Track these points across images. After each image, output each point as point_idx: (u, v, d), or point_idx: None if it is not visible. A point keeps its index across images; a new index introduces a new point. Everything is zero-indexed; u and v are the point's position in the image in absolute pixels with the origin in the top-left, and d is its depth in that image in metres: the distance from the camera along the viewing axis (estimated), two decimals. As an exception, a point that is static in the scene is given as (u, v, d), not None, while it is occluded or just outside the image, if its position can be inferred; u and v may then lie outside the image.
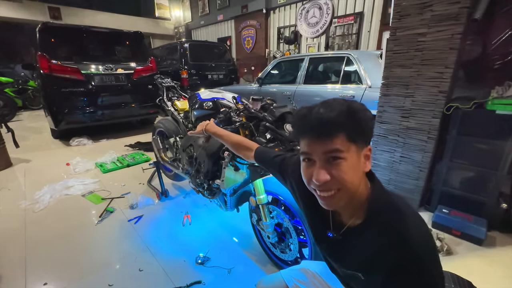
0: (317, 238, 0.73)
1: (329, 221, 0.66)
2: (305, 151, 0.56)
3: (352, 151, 0.53)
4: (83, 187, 2.44)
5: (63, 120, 3.69)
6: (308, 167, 0.57)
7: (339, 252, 0.66)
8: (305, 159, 0.57)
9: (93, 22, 8.13)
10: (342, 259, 0.66)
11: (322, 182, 0.53)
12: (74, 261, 1.53)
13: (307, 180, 0.58)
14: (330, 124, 0.52)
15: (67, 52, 3.92)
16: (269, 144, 1.14)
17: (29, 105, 6.97)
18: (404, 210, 0.56)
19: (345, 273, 0.66)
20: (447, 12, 1.56)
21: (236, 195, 1.48)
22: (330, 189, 0.55)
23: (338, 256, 0.67)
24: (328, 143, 0.52)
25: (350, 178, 0.53)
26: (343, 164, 0.53)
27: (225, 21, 8.61)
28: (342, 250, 0.64)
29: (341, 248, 0.65)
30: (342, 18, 5.40)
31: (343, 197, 0.55)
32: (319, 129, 0.53)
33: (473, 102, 1.61)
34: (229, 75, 6.11)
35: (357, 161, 0.55)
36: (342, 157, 0.52)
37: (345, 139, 0.52)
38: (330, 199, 0.56)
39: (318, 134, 0.54)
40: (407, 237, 0.52)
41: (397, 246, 0.52)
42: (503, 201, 1.71)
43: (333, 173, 0.53)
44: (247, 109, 1.24)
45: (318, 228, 0.71)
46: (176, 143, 2.05)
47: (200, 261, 1.49)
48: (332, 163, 0.53)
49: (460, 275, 1.33)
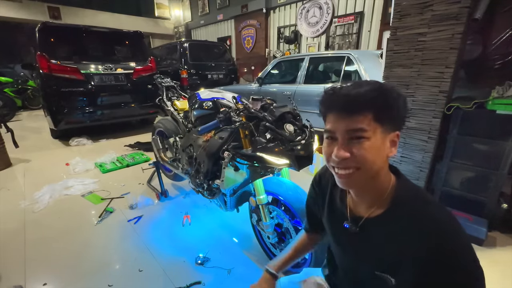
0: (335, 234, 0.69)
1: (346, 213, 0.64)
2: (328, 128, 0.55)
3: (377, 133, 0.51)
4: (83, 187, 2.44)
5: (62, 120, 3.68)
6: (330, 145, 0.55)
7: (361, 248, 0.61)
8: (328, 137, 0.55)
9: (92, 22, 8.12)
10: (365, 257, 0.61)
11: (341, 159, 0.52)
12: (73, 261, 1.53)
13: (326, 157, 0.56)
14: (358, 101, 0.50)
15: (66, 52, 3.91)
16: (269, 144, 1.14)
17: (28, 105, 6.97)
18: (433, 200, 0.54)
19: (370, 277, 0.59)
20: (447, 12, 1.55)
21: (236, 195, 1.48)
22: (348, 167, 0.52)
23: (360, 254, 0.62)
24: (353, 121, 0.51)
25: (370, 158, 0.51)
26: (366, 144, 0.51)
27: (225, 20, 8.60)
28: (363, 246, 0.60)
29: (362, 244, 0.60)
30: (342, 18, 5.39)
31: (361, 178, 0.53)
32: (346, 105, 0.51)
33: (474, 102, 1.60)
34: (229, 75, 6.10)
35: (382, 144, 0.52)
36: (366, 136, 0.50)
37: (371, 119, 0.50)
38: (348, 177, 0.54)
39: (344, 110, 0.52)
40: (440, 225, 0.49)
41: (430, 235, 0.48)
42: (503, 201, 1.71)
43: (354, 151, 0.51)
44: (247, 109, 1.23)
45: (335, 221, 0.68)
46: (176, 143, 2.04)
47: (200, 261, 1.49)
48: (354, 141, 0.51)
49: (461, 276, 1.33)
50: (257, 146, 1.15)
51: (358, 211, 0.62)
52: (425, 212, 0.51)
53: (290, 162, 1.08)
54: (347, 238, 0.64)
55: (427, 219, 0.50)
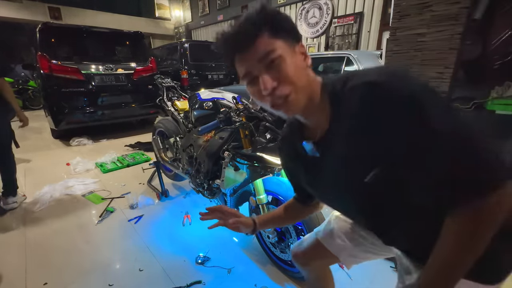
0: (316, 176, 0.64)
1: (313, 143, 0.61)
2: (243, 71, 0.53)
3: (283, 48, 0.50)
4: (83, 187, 2.45)
5: (63, 120, 3.69)
6: (254, 86, 0.53)
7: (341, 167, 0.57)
8: (248, 80, 0.54)
9: (93, 22, 8.12)
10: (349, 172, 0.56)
11: (271, 89, 0.50)
12: (74, 261, 1.53)
13: (258, 97, 0.54)
14: (245, 29, 0.50)
15: (67, 52, 3.93)
16: (269, 144, 1.14)
17: (29, 105, 6.98)
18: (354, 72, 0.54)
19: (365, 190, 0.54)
20: (447, 12, 1.56)
21: (236, 195, 1.48)
22: (282, 94, 0.51)
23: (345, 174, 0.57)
24: (256, 49, 0.50)
25: (295, 74, 0.50)
26: (282, 63, 0.50)
27: (225, 21, 8.60)
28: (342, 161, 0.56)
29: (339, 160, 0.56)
30: (342, 18, 5.40)
31: (298, 97, 0.52)
32: (240, 39, 0.50)
33: (473, 102, 1.61)
34: (229, 75, 6.11)
35: (294, 58, 0.52)
36: (277, 56, 0.49)
37: (270, 38, 0.50)
38: (287, 103, 0.52)
39: (241, 45, 0.51)
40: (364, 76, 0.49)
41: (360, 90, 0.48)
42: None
43: (277, 76, 0.50)
44: (247, 109, 1.24)
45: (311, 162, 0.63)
46: (176, 143, 2.05)
47: (200, 261, 1.50)
48: (272, 67, 0.50)
49: (460, 275, 1.33)
50: (257, 146, 1.16)
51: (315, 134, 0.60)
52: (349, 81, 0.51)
53: (290, 162, 1.08)
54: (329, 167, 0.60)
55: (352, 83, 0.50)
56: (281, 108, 0.53)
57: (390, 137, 0.46)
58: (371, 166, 0.50)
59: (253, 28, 0.49)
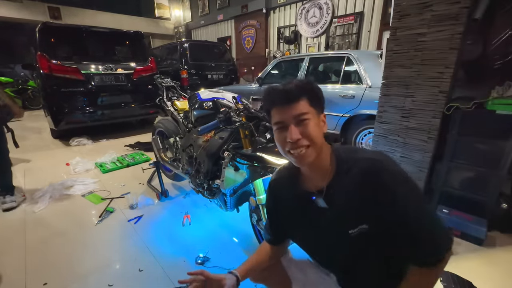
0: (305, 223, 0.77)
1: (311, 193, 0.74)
2: (277, 120, 0.67)
3: (313, 114, 0.66)
4: (83, 187, 2.44)
5: (63, 120, 3.68)
6: (281, 133, 0.67)
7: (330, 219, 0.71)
8: (278, 127, 0.68)
9: (93, 22, 8.12)
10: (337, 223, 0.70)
11: (295, 140, 0.64)
12: (74, 261, 1.53)
13: (282, 144, 0.68)
14: (294, 91, 0.65)
15: (67, 52, 3.92)
16: (269, 144, 1.14)
17: (29, 105, 6.96)
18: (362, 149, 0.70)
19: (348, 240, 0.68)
20: (447, 12, 1.56)
21: (236, 195, 1.48)
22: (301, 146, 0.65)
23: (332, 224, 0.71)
24: (295, 108, 0.64)
25: (315, 134, 0.65)
26: (310, 124, 0.65)
27: (225, 21, 8.61)
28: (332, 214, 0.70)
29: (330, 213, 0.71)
30: (342, 18, 5.40)
31: (313, 152, 0.66)
32: (287, 97, 0.65)
33: (473, 102, 1.61)
34: (229, 75, 6.11)
35: (318, 123, 0.67)
36: (308, 118, 0.65)
37: (307, 104, 0.65)
38: (303, 154, 0.65)
39: (286, 101, 0.65)
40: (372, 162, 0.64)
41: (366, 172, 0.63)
42: (503, 201, 1.71)
43: (303, 131, 0.64)
44: (247, 109, 1.24)
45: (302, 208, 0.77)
46: (176, 143, 2.04)
47: (200, 261, 1.49)
48: (301, 124, 0.65)
49: (460, 275, 1.33)
50: (257, 146, 1.16)
51: (317, 188, 0.73)
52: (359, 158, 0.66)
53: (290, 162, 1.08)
54: (317, 217, 0.74)
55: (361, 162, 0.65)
56: (298, 157, 0.66)
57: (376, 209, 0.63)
58: (357, 222, 0.66)
59: (298, 92, 0.65)
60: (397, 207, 0.61)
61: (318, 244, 0.78)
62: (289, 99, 0.65)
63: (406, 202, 0.61)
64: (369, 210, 0.63)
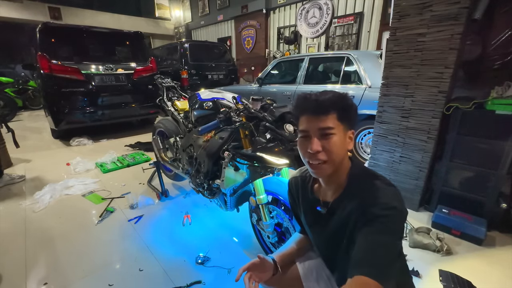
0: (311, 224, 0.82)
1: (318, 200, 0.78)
2: (303, 128, 0.67)
3: (340, 130, 0.65)
4: (83, 187, 2.45)
5: (63, 120, 3.69)
6: (304, 142, 0.67)
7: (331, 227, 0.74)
8: (303, 135, 0.68)
9: (93, 22, 8.14)
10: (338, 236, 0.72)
11: (315, 151, 0.64)
12: (74, 261, 1.53)
13: (302, 152, 0.69)
14: (325, 104, 0.64)
15: (67, 52, 3.93)
16: (269, 144, 1.14)
17: (29, 105, 6.97)
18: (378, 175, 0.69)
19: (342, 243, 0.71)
20: (447, 12, 1.56)
21: (236, 195, 1.48)
22: (319, 159, 0.65)
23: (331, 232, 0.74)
24: (322, 121, 0.64)
25: (336, 151, 0.65)
26: (333, 139, 0.64)
27: (225, 21, 8.61)
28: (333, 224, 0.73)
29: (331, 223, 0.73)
30: (342, 18, 5.40)
31: (330, 167, 0.67)
32: (317, 108, 0.65)
33: (473, 102, 1.61)
34: (229, 75, 6.11)
35: (344, 139, 0.67)
36: (333, 132, 0.64)
37: (335, 118, 0.64)
38: (319, 167, 0.67)
39: (315, 112, 0.65)
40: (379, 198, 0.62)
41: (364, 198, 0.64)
42: (502, 201, 1.71)
43: (325, 145, 0.64)
44: (247, 109, 1.24)
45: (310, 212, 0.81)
46: (176, 143, 2.05)
47: (200, 261, 1.50)
48: (324, 138, 0.64)
49: (460, 275, 1.33)
50: (257, 146, 1.16)
51: (327, 198, 0.76)
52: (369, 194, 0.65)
53: (290, 162, 1.08)
54: (323, 225, 0.76)
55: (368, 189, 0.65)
56: (314, 168, 0.68)
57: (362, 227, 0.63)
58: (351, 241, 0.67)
59: (330, 106, 0.64)
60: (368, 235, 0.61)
61: (321, 244, 0.83)
62: (318, 111, 0.64)
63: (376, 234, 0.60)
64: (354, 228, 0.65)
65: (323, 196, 0.77)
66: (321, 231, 0.79)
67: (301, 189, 0.85)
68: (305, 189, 0.83)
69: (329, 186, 0.74)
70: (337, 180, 0.72)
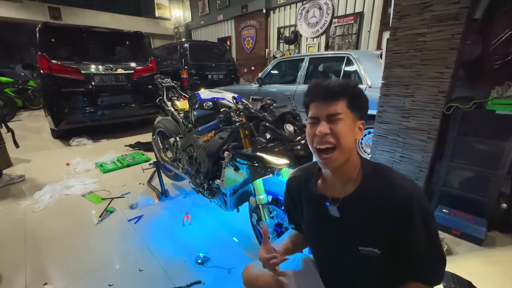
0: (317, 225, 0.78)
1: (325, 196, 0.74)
2: (312, 114, 0.67)
3: (349, 117, 0.65)
4: (83, 187, 2.44)
5: (63, 120, 3.69)
6: (312, 127, 0.67)
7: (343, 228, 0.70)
8: (311, 121, 0.68)
9: (93, 22, 8.13)
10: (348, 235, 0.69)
11: (323, 134, 0.63)
12: (74, 261, 1.53)
13: (311, 138, 0.68)
14: (335, 90, 0.64)
15: (67, 52, 3.93)
16: (269, 144, 1.14)
17: (29, 105, 6.97)
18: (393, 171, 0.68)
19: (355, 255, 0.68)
20: (447, 12, 1.56)
21: (236, 195, 1.48)
22: (328, 142, 0.64)
23: (344, 234, 0.70)
24: (332, 106, 0.64)
25: (345, 135, 0.63)
26: (341, 123, 0.64)
27: (225, 21, 8.60)
28: (345, 225, 0.70)
29: (344, 223, 0.70)
30: (342, 18, 5.40)
31: (340, 156, 0.65)
32: (327, 94, 0.65)
33: (473, 102, 1.61)
34: (229, 75, 6.11)
35: (352, 127, 0.66)
36: (341, 118, 0.64)
37: (345, 105, 0.64)
38: (329, 157, 0.65)
39: (325, 98, 0.65)
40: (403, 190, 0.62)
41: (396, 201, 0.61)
42: (503, 201, 1.71)
43: (332, 128, 0.63)
44: (247, 109, 1.24)
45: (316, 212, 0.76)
46: (176, 143, 2.05)
47: (200, 261, 1.50)
48: (333, 122, 0.64)
49: (460, 275, 1.33)
50: (257, 146, 1.16)
51: (334, 194, 0.71)
52: (391, 183, 0.64)
53: (290, 162, 1.08)
54: (330, 223, 0.73)
55: (392, 188, 0.63)
56: (324, 159, 0.66)
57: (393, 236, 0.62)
58: (370, 243, 0.65)
59: (340, 92, 0.64)
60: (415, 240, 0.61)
61: (325, 248, 0.78)
62: (328, 96, 0.64)
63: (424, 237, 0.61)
64: (386, 235, 0.63)
65: (331, 192, 0.72)
66: (327, 230, 0.75)
67: (304, 187, 0.81)
68: (308, 187, 0.79)
69: (338, 180, 0.70)
70: (346, 174, 0.69)
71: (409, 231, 0.61)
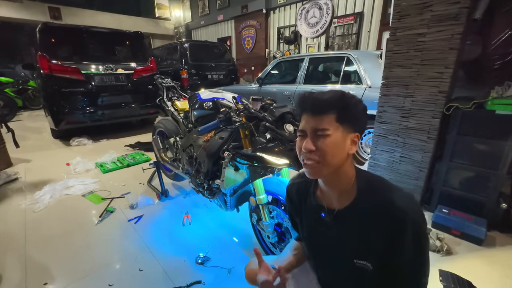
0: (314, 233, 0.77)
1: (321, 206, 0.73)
2: (301, 127, 0.66)
3: (338, 132, 0.62)
4: (83, 187, 2.45)
5: (63, 120, 3.69)
6: (301, 141, 0.66)
7: (338, 240, 0.70)
8: (300, 134, 0.66)
9: (93, 22, 8.13)
10: (343, 247, 0.69)
11: (308, 150, 0.62)
12: (74, 261, 1.53)
13: (298, 151, 0.67)
14: (322, 104, 0.62)
15: (67, 52, 3.93)
16: (269, 144, 1.14)
17: (29, 105, 6.97)
18: (391, 185, 0.65)
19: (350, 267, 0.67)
20: (447, 12, 1.56)
21: (236, 195, 1.48)
22: (312, 159, 0.63)
23: (339, 246, 0.70)
24: (318, 121, 0.62)
25: (330, 152, 0.61)
26: (327, 140, 0.61)
27: (225, 21, 8.61)
28: (341, 237, 0.69)
29: (339, 235, 0.69)
30: (342, 18, 5.40)
31: (324, 168, 0.63)
32: (313, 108, 0.63)
33: (473, 102, 1.61)
34: (229, 75, 6.11)
35: (342, 142, 0.62)
36: (327, 134, 0.61)
37: (333, 120, 0.61)
38: (312, 168, 0.64)
39: (312, 112, 0.63)
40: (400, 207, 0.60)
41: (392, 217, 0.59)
42: (503, 201, 1.71)
43: (318, 144, 0.62)
44: (247, 109, 1.24)
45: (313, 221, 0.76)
46: (176, 143, 2.05)
47: (200, 261, 1.50)
48: (319, 138, 0.62)
49: (460, 275, 1.33)
50: (257, 146, 1.16)
51: (331, 205, 0.71)
52: (386, 197, 0.62)
53: (290, 162, 1.08)
54: (326, 233, 0.72)
55: (387, 202, 0.61)
56: (307, 167, 0.65)
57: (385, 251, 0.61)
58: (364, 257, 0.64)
59: (327, 106, 0.61)
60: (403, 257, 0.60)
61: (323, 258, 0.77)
62: (315, 110, 0.62)
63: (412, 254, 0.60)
64: (378, 250, 0.62)
65: (328, 202, 0.72)
66: (323, 239, 0.74)
67: (304, 194, 0.80)
68: (307, 195, 0.79)
69: (331, 191, 0.70)
70: (339, 186, 0.67)
71: (398, 248, 0.59)
